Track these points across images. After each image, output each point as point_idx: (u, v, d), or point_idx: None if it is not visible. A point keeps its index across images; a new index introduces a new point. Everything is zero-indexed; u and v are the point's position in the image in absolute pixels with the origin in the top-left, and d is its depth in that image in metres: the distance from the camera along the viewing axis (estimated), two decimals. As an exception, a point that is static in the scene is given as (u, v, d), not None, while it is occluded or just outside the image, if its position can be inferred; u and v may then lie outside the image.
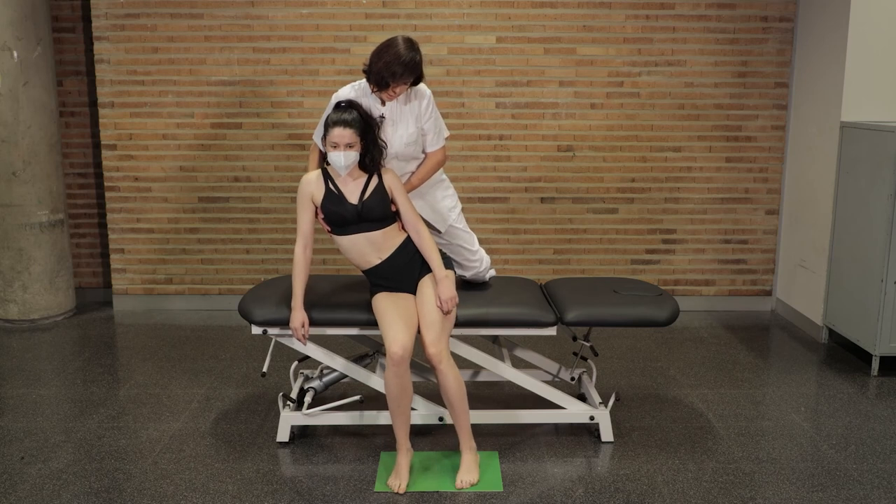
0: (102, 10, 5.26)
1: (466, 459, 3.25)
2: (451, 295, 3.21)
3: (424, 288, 3.27)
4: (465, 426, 3.24)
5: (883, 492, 3.17)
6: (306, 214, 3.32)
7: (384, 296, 3.28)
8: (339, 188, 3.26)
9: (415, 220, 3.30)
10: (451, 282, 3.25)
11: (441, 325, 3.17)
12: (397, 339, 3.08)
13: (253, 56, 5.32)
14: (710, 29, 5.32)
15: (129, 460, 3.40)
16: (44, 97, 5.15)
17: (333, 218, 3.26)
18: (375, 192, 3.25)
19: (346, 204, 3.23)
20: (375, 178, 3.28)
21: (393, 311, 3.19)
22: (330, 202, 3.25)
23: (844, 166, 4.68)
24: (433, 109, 3.46)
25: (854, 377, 4.39)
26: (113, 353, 4.79)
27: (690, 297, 5.61)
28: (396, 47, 3.25)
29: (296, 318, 3.29)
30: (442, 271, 3.25)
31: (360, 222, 3.24)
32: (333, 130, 3.18)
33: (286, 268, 5.55)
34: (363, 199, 3.23)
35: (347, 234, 3.27)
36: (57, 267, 5.32)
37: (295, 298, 3.31)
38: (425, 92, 3.46)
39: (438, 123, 3.50)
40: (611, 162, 5.45)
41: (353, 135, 3.17)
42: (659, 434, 3.67)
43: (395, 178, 3.33)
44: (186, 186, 5.47)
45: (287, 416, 3.56)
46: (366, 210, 3.23)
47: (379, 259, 3.28)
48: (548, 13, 5.28)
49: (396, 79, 3.24)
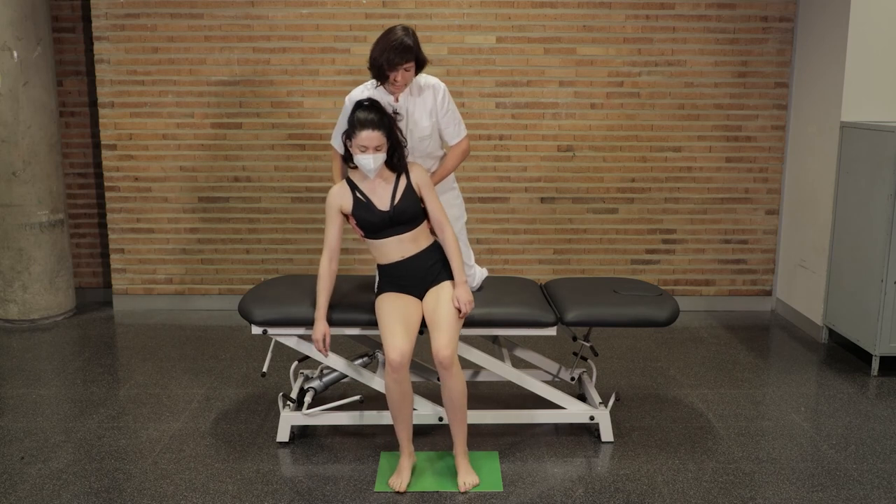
0: (102, 10, 5.26)
1: (463, 462, 3.25)
2: (471, 298, 3.26)
3: (441, 292, 3.27)
4: (463, 431, 3.24)
5: (883, 492, 3.17)
6: (334, 228, 3.30)
7: (389, 298, 3.28)
8: (366, 195, 3.25)
9: (441, 219, 3.32)
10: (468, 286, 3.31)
11: (454, 330, 3.17)
12: (396, 347, 3.08)
13: (253, 56, 5.32)
14: (710, 29, 5.32)
15: (129, 460, 3.40)
16: (44, 97, 5.15)
17: (365, 225, 3.26)
18: (405, 194, 3.26)
19: (375, 211, 3.23)
20: (404, 179, 3.28)
21: (394, 316, 3.18)
22: (360, 210, 3.25)
23: (844, 166, 4.68)
24: (449, 102, 3.48)
25: (854, 377, 4.39)
26: (113, 353, 4.79)
27: (690, 297, 5.61)
28: (389, 34, 3.26)
29: (318, 330, 3.27)
30: (462, 275, 3.28)
31: (392, 226, 3.25)
32: (361, 134, 3.14)
33: (286, 268, 5.55)
34: (394, 204, 3.24)
35: (380, 237, 3.27)
36: (57, 267, 5.32)
37: (318, 310, 3.29)
38: (439, 85, 3.46)
39: (456, 115, 3.52)
40: (611, 162, 5.45)
41: (380, 136, 3.16)
42: (659, 434, 3.67)
43: (424, 174, 3.32)
44: (186, 186, 5.47)
45: (287, 416, 3.56)
46: (397, 214, 3.23)
47: (401, 256, 3.28)
48: (548, 13, 5.28)
49: (392, 66, 3.23)
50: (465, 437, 3.25)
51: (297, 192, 5.47)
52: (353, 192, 3.28)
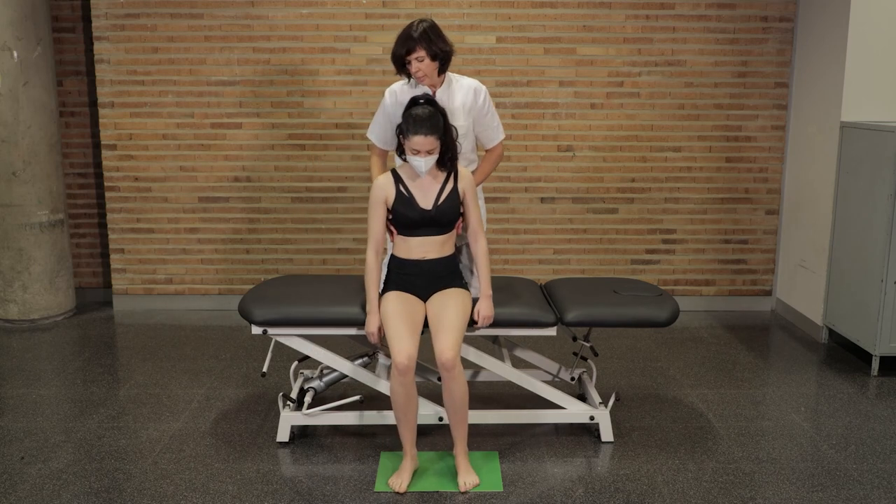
0: (102, 10, 5.26)
1: (463, 463, 3.25)
2: (491, 314, 3.33)
3: (449, 296, 3.28)
4: (464, 431, 3.25)
5: (883, 492, 3.17)
6: (379, 219, 3.30)
7: (394, 298, 3.28)
8: (410, 191, 3.26)
9: (478, 229, 3.36)
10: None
11: (459, 333, 3.18)
12: (403, 350, 3.08)
13: (253, 56, 5.32)
14: (710, 29, 5.32)
15: (129, 460, 3.40)
16: (44, 97, 5.15)
17: (402, 220, 3.26)
18: (449, 197, 3.27)
19: (417, 208, 3.24)
20: (451, 181, 3.29)
21: (400, 318, 3.18)
22: (401, 204, 3.25)
23: (844, 166, 4.68)
24: (490, 104, 3.53)
25: (854, 377, 4.39)
26: (113, 353, 4.79)
27: (690, 297, 5.61)
28: (404, 28, 3.34)
29: (372, 323, 3.27)
30: (489, 288, 3.33)
31: (428, 226, 3.26)
32: (414, 138, 3.15)
33: (286, 268, 5.55)
34: (437, 204, 3.25)
35: (413, 235, 3.28)
36: (57, 267, 5.32)
37: (371, 303, 3.29)
38: (481, 88, 3.52)
39: (496, 119, 3.57)
40: (611, 162, 5.45)
41: (434, 140, 3.16)
42: (659, 434, 3.67)
43: (471, 182, 3.34)
44: (186, 186, 5.47)
45: (287, 416, 3.56)
46: (438, 215, 3.25)
47: (422, 256, 3.29)
48: (548, 13, 5.28)
49: (410, 54, 3.29)
50: (465, 437, 3.25)
51: (297, 192, 5.47)
52: (396, 185, 3.27)
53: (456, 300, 3.26)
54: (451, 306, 3.23)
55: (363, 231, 5.48)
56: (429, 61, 3.33)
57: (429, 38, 3.29)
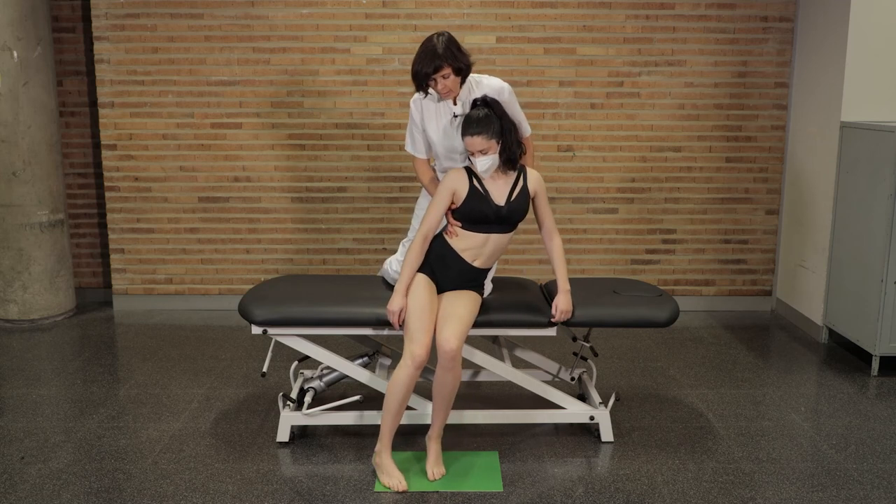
0: (102, 10, 5.26)
1: (435, 449, 3.28)
2: (569, 308, 3.36)
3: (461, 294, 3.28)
4: (444, 418, 3.27)
5: (883, 492, 3.17)
6: (441, 208, 3.26)
7: (424, 287, 3.25)
8: (485, 187, 3.26)
9: (552, 227, 3.39)
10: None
11: (466, 326, 3.19)
12: (425, 344, 3.12)
13: (253, 56, 5.32)
14: (710, 29, 5.32)
15: (129, 460, 3.40)
16: (44, 97, 5.15)
17: (473, 215, 3.24)
18: (521, 194, 3.29)
19: (491, 203, 3.24)
20: (521, 181, 3.30)
21: (427, 312, 3.18)
22: (474, 200, 3.23)
23: (844, 166, 4.68)
24: (513, 102, 3.48)
25: (854, 377, 4.39)
26: (113, 353, 4.79)
27: (690, 297, 5.61)
28: (423, 44, 3.29)
29: (395, 303, 3.21)
30: (567, 283, 3.37)
31: (498, 223, 3.27)
32: (465, 139, 3.18)
33: (286, 268, 5.55)
34: (510, 201, 3.26)
35: (481, 231, 3.27)
36: (57, 267, 5.32)
37: (402, 284, 3.23)
38: (503, 86, 3.46)
39: (520, 114, 3.53)
40: (611, 162, 5.45)
41: (482, 140, 3.15)
42: (659, 434, 3.67)
43: (541, 182, 3.36)
44: (186, 186, 5.47)
45: (287, 416, 3.56)
46: (510, 212, 3.26)
47: (471, 259, 3.30)
48: (548, 13, 5.28)
49: (425, 76, 3.25)
50: (443, 423, 3.28)
51: (297, 192, 5.47)
52: (470, 181, 3.26)
53: (468, 297, 3.29)
54: (462, 300, 3.25)
55: (363, 231, 5.48)
56: (454, 77, 3.30)
57: (453, 55, 3.25)
